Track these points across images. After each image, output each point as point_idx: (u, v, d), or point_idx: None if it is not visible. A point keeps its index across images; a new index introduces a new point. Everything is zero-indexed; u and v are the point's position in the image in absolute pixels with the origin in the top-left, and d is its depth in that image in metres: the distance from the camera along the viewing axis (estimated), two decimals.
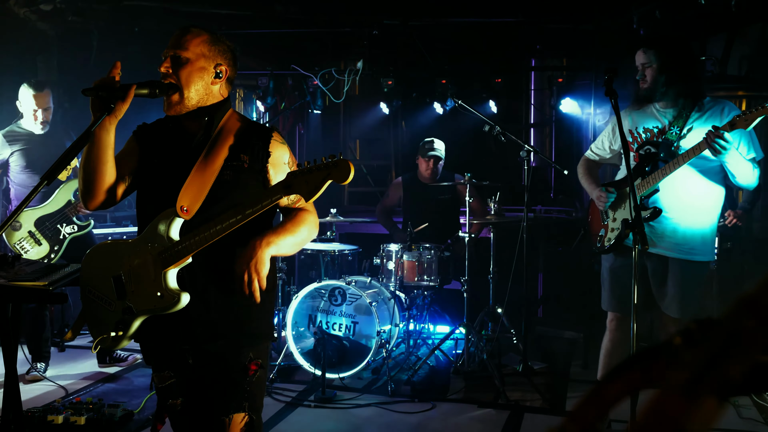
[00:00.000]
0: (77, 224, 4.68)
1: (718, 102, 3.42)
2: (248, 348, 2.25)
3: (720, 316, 0.57)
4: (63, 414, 3.73)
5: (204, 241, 2.07)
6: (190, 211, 2.14)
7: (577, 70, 7.28)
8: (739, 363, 0.54)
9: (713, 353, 0.55)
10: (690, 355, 0.56)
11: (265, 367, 2.29)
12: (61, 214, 4.61)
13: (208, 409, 2.23)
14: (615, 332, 3.67)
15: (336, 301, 5.02)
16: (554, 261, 6.78)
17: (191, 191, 2.15)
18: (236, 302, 2.21)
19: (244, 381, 2.22)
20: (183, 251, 2.09)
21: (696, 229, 3.38)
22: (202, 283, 2.19)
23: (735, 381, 0.54)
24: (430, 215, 5.68)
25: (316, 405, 4.34)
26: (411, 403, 4.41)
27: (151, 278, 2.11)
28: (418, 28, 6.99)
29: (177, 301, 2.08)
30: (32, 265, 2.86)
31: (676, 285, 3.39)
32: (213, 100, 2.27)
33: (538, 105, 8.27)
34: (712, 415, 0.54)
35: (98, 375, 4.85)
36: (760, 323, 0.54)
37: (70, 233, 4.64)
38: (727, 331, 0.55)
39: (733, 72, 6.29)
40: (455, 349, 5.43)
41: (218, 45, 2.26)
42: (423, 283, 5.15)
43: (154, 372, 2.33)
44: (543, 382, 4.88)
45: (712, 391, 0.54)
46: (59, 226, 4.61)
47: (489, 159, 7.88)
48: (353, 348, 4.85)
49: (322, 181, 1.96)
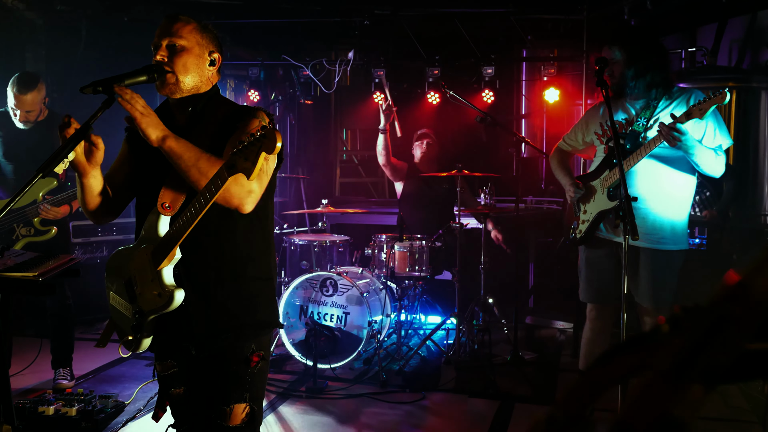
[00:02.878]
0: (36, 228, 4.21)
1: (686, 91, 3.40)
2: (250, 340, 2.24)
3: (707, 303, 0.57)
4: (54, 405, 3.73)
5: (180, 232, 2.04)
6: (173, 207, 2.12)
7: (567, 61, 7.28)
8: (726, 350, 0.54)
9: (700, 340, 0.55)
10: (677, 341, 0.56)
11: (266, 358, 2.29)
12: (21, 212, 4.12)
13: (209, 399, 2.23)
14: (594, 321, 3.70)
15: (327, 292, 5.02)
16: (545, 251, 6.81)
17: (173, 187, 2.13)
18: (236, 293, 2.21)
19: (246, 372, 2.22)
20: (167, 246, 2.08)
21: (665, 219, 3.38)
22: (200, 277, 2.17)
23: (722, 368, 0.54)
24: (427, 205, 5.69)
25: (307, 395, 4.35)
26: (402, 393, 4.42)
27: (150, 279, 2.11)
28: (409, 18, 6.98)
29: (172, 299, 2.06)
30: (21, 256, 2.85)
31: (647, 274, 3.41)
32: (205, 88, 2.25)
33: (528, 95, 8.28)
34: (699, 402, 0.54)
35: (91, 366, 4.84)
36: (747, 310, 0.55)
37: (25, 236, 4.18)
38: (713, 318, 0.55)
39: (723, 62, 6.31)
40: (446, 340, 5.44)
41: (208, 32, 2.24)
42: (414, 273, 5.15)
43: (157, 360, 2.32)
44: (533, 372, 4.91)
45: (699, 378, 0.54)
46: (15, 226, 4.16)
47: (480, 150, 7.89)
48: (344, 338, 4.86)
49: (256, 156, 1.88)
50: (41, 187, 4.18)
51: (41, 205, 4.12)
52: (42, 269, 2.63)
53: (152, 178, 2.21)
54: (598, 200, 3.55)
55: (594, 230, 3.56)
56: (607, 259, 3.57)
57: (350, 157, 9.73)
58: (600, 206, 3.53)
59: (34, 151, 4.11)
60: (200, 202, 2.00)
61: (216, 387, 2.22)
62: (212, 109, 2.25)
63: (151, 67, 2.13)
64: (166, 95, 2.20)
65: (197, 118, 2.23)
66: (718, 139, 3.32)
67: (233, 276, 2.21)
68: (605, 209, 3.49)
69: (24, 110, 4.23)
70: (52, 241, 4.24)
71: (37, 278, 2.56)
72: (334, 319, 4.96)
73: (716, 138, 3.32)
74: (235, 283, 2.22)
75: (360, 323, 4.88)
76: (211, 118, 2.23)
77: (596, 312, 3.70)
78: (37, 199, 4.17)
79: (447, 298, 5.79)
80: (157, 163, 2.17)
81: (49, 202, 4.11)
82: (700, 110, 3.11)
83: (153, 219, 2.16)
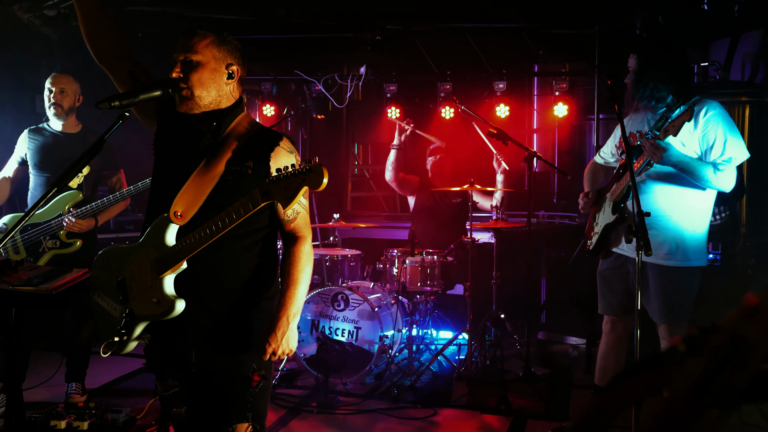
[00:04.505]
0: (61, 241, 4.25)
1: (702, 102, 3.32)
2: (251, 359, 2.23)
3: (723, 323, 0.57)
4: (66, 419, 3.73)
5: (194, 246, 2.05)
6: (185, 217, 2.12)
7: (579, 75, 7.28)
8: (743, 372, 0.54)
9: (717, 362, 0.54)
10: (694, 362, 0.56)
11: (268, 377, 2.29)
12: (48, 225, 4.20)
13: (211, 419, 2.22)
14: (609, 334, 3.70)
15: (339, 307, 5.01)
16: (557, 266, 6.77)
17: (187, 196, 2.13)
18: (236, 311, 2.21)
19: (247, 392, 2.22)
20: (175, 257, 2.08)
21: (672, 234, 3.35)
22: (202, 290, 2.17)
23: (739, 390, 0.54)
24: (439, 219, 5.68)
25: (318, 411, 4.33)
26: (414, 409, 4.39)
27: (149, 284, 2.10)
28: (421, 33, 7.00)
29: (172, 309, 2.06)
30: (35, 270, 2.87)
31: (656, 290, 3.38)
32: (226, 102, 2.25)
33: (540, 110, 8.27)
34: (717, 423, 0.54)
35: (103, 379, 4.85)
36: (764, 332, 0.54)
37: (51, 248, 4.23)
38: (730, 339, 0.55)
39: (736, 77, 6.29)
40: (458, 355, 5.42)
41: (226, 45, 2.23)
42: (426, 288, 5.14)
43: (158, 380, 2.31)
44: (546, 388, 4.87)
45: (717, 400, 0.53)
46: (42, 239, 4.21)
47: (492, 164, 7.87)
48: (356, 353, 4.84)
49: (298, 188, 1.93)
50: (67, 200, 4.24)
51: (66, 218, 4.17)
52: (56, 283, 2.64)
53: (167, 182, 2.21)
54: (605, 213, 3.55)
55: (604, 243, 3.55)
56: (618, 272, 3.57)
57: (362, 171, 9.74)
58: (605, 219, 3.53)
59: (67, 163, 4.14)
60: (224, 222, 2.03)
61: (217, 407, 2.21)
62: (236, 126, 2.25)
63: (166, 82, 2.15)
64: (185, 112, 2.20)
65: (221, 135, 2.22)
66: (729, 152, 3.23)
67: (237, 292, 2.22)
68: (609, 222, 3.48)
69: (58, 89, 4.32)
70: (78, 254, 4.27)
71: (50, 292, 2.57)
72: (345, 333, 4.95)
73: (725, 151, 3.23)
74: (238, 299, 2.22)
75: (371, 338, 4.87)
76: (235, 136, 2.22)
77: (611, 325, 3.69)
78: (63, 212, 4.22)
79: (459, 312, 5.77)
80: (176, 169, 2.19)
81: (74, 215, 4.16)
82: (674, 127, 3.08)
83: (162, 224, 2.14)
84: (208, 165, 2.16)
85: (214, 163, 2.16)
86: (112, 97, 2.06)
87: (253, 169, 2.18)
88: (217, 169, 2.16)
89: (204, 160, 2.17)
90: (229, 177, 2.16)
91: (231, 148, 2.19)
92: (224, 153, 2.17)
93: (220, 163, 2.16)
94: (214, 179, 2.14)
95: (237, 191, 2.13)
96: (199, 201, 2.13)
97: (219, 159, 2.16)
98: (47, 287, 2.59)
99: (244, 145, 2.21)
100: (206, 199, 2.13)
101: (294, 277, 2.27)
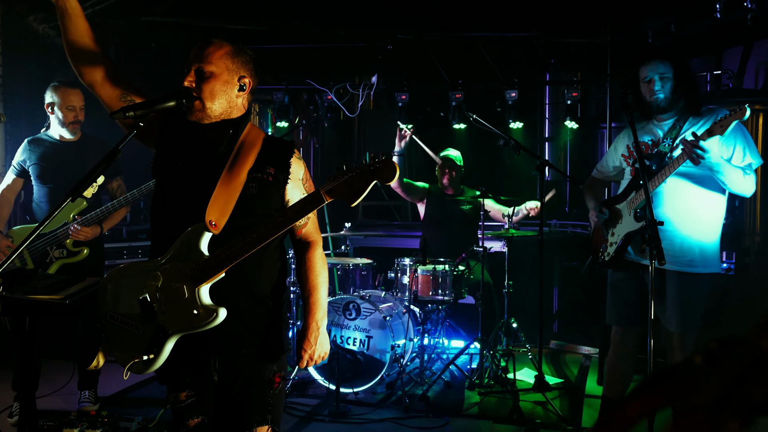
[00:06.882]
0: (68, 250, 4.24)
1: (714, 110, 3.38)
2: (272, 361, 2.26)
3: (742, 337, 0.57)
4: (78, 427, 3.74)
5: (239, 254, 2.04)
6: (218, 225, 2.11)
7: (591, 84, 7.26)
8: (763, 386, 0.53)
9: (736, 375, 0.54)
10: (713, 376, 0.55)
11: (287, 379, 2.31)
12: (54, 235, 4.18)
13: (231, 424, 2.23)
14: (618, 345, 3.68)
15: (350, 316, 5.01)
16: (569, 275, 6.74)
17: (218, 205, 2.12)
18: (261, 313, 2.24)
19: (268, 394, 2.24)
20: (217, 266, 2.05)
21: (694, 241, 3.34)
22: (230, 297, 2.15)
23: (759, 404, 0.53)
24: (450, 226, 5.68)
25: (330, 420, 4.33)
26: (425, 419, 4.38)
27: (185, 296, 2.06)
28: (432, 42, 7.02)
29: (215, 317, 2.03)
30: (48, 279, 2.88)
31: (675, 298, 3.37)
32: (237, 113, 2.25)
33: (552, 119, 8.26)
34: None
35: (115, 388, 4.87)
36: None
37: (59, 258, 4.22)
38: (749, 352, 0.55)
39: (750, 85, 6.26)
40: (470, 364, 5.40)
41: (241, 56, 2.23)
42: (437, 297, 5.13)
43: (170, 392, 2.27)
44: (558, 398, 4.84)
45: (737, 414, 0.53)
46: (49, 249, 4.20)
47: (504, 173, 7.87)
48: (367, 362, 4.84)
49: (367, 182, 2.01)
50: (72, 208, 4.21)
51: (71, 226, 4.15)
52: (69, 291, 2.66)
53: (188, 190, 2.18)
54: (626, 222, 3.52)
55: (623, 253, 3.53)
56: (631, 282, 3.55)
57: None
58: (627, 228, 3.50)
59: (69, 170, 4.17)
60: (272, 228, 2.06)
61: (238, 411, 2.22)
62: (249, 134, 2.27)
63: (179, 92, 2.15)
64: (195, 121, 2.20)
65: (237, 143, 2.23)
66: (748, 158, 3.30)
67: (261, 297, 2.24)
68: (632, 230, 3.47)
69: (80, 106, 4.29)
70: (85, 263, 4.27)
71: (63, 300, 2.59)
72: (356, 342, 4.95)
73: (745, 157, 3.30)
74: (262, 303, 2.24)
75: (383, 347, 4.86)
76: (250, 144, 2.24)
77: (619, 336, 3.67)
78: (68, 221, 4.20)
79: (470, 322, 5.75)
80: (196, 177, 2.18)
81: (79, 222, 4.16)
82: (721, 126, 3.09)
83: (195, 234, 2.10)
84: (230, 173, 2.16)
85: (235, 171, 2.16)
86: (127, 107, 2.07)
87: (273, 176, 2.22)
88: (240, 177, 2.16)
89: (226, 168, 2.17)
90: (252, 184, 2.18)
91: (248, 156, 2.20)
92: (243, 161, 2.18)
93: (242, 171, 2.17)
94: (239, 187, 2.15)
95: (260, 198, 2.18)
96: (228, 209, 2.13)
97: (240, 167, 2.17)
98: (61, 296, 2.60)
99: (262, 152, 2.23)
100: (234, 206, 2.14)
101: (313, 283, 2.31)
